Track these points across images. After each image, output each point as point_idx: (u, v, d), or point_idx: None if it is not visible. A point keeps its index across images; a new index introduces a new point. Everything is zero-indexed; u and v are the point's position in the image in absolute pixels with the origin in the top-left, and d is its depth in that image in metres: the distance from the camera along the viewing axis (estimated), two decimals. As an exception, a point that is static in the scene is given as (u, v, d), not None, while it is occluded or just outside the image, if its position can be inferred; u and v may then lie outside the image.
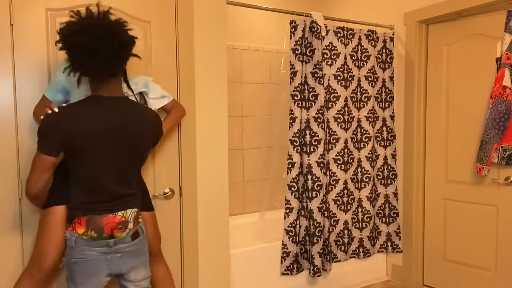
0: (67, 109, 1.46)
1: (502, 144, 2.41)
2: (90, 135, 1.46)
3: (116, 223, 1.56)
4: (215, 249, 2.25)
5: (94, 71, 1.44)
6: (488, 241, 2.58)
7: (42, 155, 1.46)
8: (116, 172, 1.55)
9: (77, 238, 1.53)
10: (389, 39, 2.93)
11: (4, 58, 1.70)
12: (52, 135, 1.43)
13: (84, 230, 1.53)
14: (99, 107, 1.49)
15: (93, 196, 1.53)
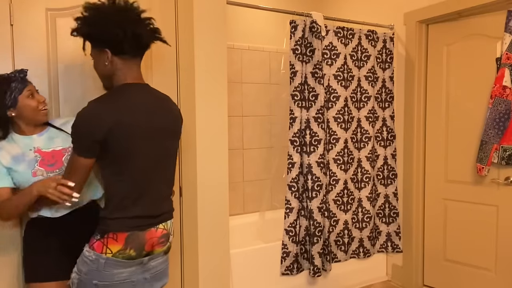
0: (103, 101, 1.31)
1: (502, 144, 2.41)
2: (134, 129, 1.30)
3: (158, 237, 1.39)
4: (215, 249, 2.25)
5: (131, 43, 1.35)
6: (488, 241, 2.58)
7: (81, 159, 1.29)
8: (161, 173, 1.41)
9: (107, 260, 1.30)
10: (389, 39, 2.93)
11: (4, 58, 1.70)
12: (91, 132, 1.25)
13: (121, 248, 1.32)
14: (136, 96, 1.36)
15: (137, 206, 1.34)
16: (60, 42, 1.80)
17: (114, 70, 1.39)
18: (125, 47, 1.35)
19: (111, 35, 1.32)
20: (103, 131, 1.25)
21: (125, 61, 1.38)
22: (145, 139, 1.33)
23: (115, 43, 1.34)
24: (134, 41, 1.35)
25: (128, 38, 1.32)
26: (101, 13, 1.33)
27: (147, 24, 1.39)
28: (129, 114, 1.30)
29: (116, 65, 1.38)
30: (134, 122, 1.31)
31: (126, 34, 1.31)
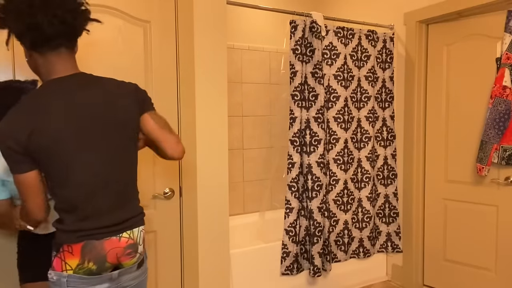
0: (19, 107, 1.12)
1: (502, 144, 2.41)
2: (60, 134, 1.12)
3: (123, 247, 1.22)
4: (215, 249, 2.25)
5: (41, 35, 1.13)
6: (488, 241, 2.58)
7: (20, 176, 1.13)
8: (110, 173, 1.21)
9: (68, 278, 1.15)
10: (389, 39, 2.93)
11: (4, 58, 1.70)
12: (13, 143, 1.08)
13: (79, 261, 1.16)
14: (64, 92, 1.16)
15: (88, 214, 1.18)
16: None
17: (37, 66, 1.21)
18: (27, 41, 1.15)
19: (8, 23, 1.14)
20: (23, 139, 1.08)
21: (44, 56, 1.18)
22: (79, 140, 1.15)
23: (17, 36, 1.15)
24: (34, 33, 1.12)
25: (25, 30, 1.11)
26: (7, 1, 1.13)
27: (55, 10, 1.11)
28: (51, 113, 1.12)
29: (35, 60, 1.20)
30: (57, 122, 1.12)
31: (22, 25, 1.11)
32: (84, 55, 1.85)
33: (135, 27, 1.97)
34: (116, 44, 1.92)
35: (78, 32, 1.23)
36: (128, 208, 1.27)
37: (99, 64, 1.89)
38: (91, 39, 1.87)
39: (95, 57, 1.88)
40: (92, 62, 1.87)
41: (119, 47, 1.93)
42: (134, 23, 1.96)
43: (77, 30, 1.22)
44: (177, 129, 2.10)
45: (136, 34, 1.97)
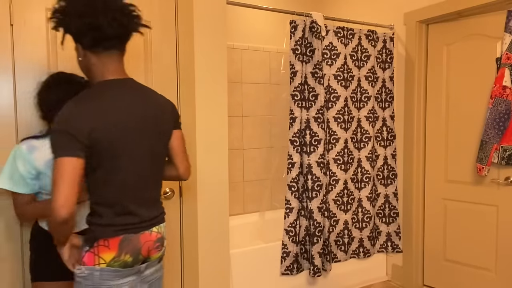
0: (81, 102, 1.18)
1: (502, 144, 2.41)
2: (116, 130, 1.20)
3: (153, 241, 1.31)
4: (215, 249, 2.25)
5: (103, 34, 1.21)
6: (488, 241, 2.58)
7: (66, 159, 1.11)
8: (149, 175, 1.31)
9: (101, 272, 1.20)
10: (389, 39, 2.93)
11: (4, 58, 1.70)
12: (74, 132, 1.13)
13: (115, 254, 1.22)
14: (115, 94, 1.24)
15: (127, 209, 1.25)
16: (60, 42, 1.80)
17: (89, 66, 1.28)
18: (87, 40, 1.22)
19: (70, 23, 1.20)
20: (84, 132, 1.14)
21: (99, 55, 1.25)
22: (128, 139, 1.23)
23: (77, 35, 1.22)
24: (94, 33, 1.20)
25: (86, 30, 1.19)
26: (68, 1, 1.21)
27: (114, 13, 1.21)
28: (110, 114, 1.20)
29: (89, 60, 1.27)
30: (115, 122, 1.20)
31: (84, 24, 1.18)
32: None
33: (135, 27, 1.96)
34: (116, 44, 1.92)
35: (130, 35, 1.31)
36: (157, 206, 1.37)
37: (99, 64, 1.89)
38: (91, 39, 1.87)
39: (95, 57, 1.88)
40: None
41: (119, 47, 1.93)
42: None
43: (130, 34, 1.31)
44: (177, 129, 2.11)
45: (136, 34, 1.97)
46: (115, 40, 1.25)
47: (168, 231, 2.10)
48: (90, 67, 1.28)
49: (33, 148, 1.47)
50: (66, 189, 1.10)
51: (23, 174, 1.45)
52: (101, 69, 1.26)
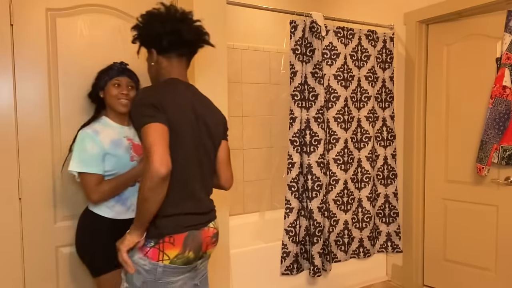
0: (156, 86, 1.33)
1: (502, 144, 2.41)
2: (182, 115, 1.27)
3: (211, 236, 1.34)
4: (215, 249, 2.25)
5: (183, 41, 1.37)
6: (488, 241, 2.58)
7: (156, 124, 1.18)
8: (206, 170, 1.37)
9: (164, 268, 1.22)
10: (389, 39, 2.93)
11: (4, 58, 1.70)
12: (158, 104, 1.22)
13: (180, 251, 1.24)
14: (183, 88, 1.35)
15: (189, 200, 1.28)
16: (60, 42, 1.80)
17: (159, 69, 1.40)
18: (165, 43, 1.35)
19: (152, 30, 1.35)
20: (163, 106, 1.22)
21: (170, 60, 1.39)
22: (190, 128, 1.30)
23: (156, 38, 1.35)
24: (173, 37, 1.34)
25: (166, 33, 1.33)
26: (150, 15, 1.38)
27: (190, 23, 1.38)
28: (178, 99, 1.29)
29: (161, 64, 1.39)
30: (182, 108, 1.28)
31: (165, 28, 1.33)
32: (84, 55, 1.86)
33: (135, 27, 1.96)
34: (116, 44, 1.92)
35: (198, 47, 1.45)
36: (211, 200, 1.42)
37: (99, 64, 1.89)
38: (91, 39, 1.87)
39: (95, 57, 1.88)
40: (92, 62, 1.87)
41: (119, 47, 1.93)
42: (134, 23, 1.96)
43: (199, 45, 1.44)
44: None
45: (136, 34, 1.97)
46: (188, 47, 1.40)
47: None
48: (160, 70, 1.40)
49: (96, 131, 1.63)
50: (161, 149, 1.14)
51: (93, 154, 1.57)
52: (170, 71, 1.39)
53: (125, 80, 1.71)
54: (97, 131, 1.63)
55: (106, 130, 1.66)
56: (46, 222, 1.81)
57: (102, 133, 1.64)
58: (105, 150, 1.61)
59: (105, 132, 1.65)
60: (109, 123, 1.71)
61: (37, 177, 1.78)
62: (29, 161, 1.76)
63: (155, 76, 1.43)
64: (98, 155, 1.59)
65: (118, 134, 1.69)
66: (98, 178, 1.58)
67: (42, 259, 1.81)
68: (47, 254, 1.81)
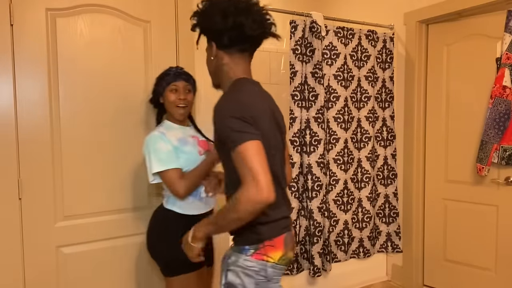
0: (237, 93, 1.23)
1: (502, 144, 2.41)
2: (265, 118, 1.22)
3: (293, 236, 1.34)
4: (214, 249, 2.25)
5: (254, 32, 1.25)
6: (488, 241, 2.58)
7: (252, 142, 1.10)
8: (284, 170, 1.34)
9: (273, 267, 1.21)
10: (389, 39, 2.93)
11: (4, 58, 1.70)
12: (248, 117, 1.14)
13: (282, 253, 1.23)
14: (259, 90, 1.30)
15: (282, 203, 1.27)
16: (60, 42, 1.80)
17: (219, 65, 1.32)
18: (226, 39, 1.25)
19: (212, 24, 1.25)
20: (252, 118, 1.15)
21: (231, 56, 1.30)
22: (271, 129, 1.26)
23: (215, 33, 1.26)
24: (234, 32, 1.23)
25: (228, 28, 1.23)
26: (211, 3, 1.27)
27: (254, 14, 1.24)
28: (260, 104, 1.23)
29: (221, 60, 1.31)
30: (264, 111, 1.23)
31: (226, 23, 1.22)
32: (84, 55, 1.86)
33: (135, 27, 1.97)
34: (116, 44, 1.92)
35: (262, 40, 1.34)
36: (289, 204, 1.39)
37: (99, 64, 1.89)
38: (91, 39, 1.87)
39: (95, 57, 1.88)
40: (92, 62, 1.87)
41: (119, 47, 1.93)
42: (134, 23, 1.96)
43: (263, 39, 1.33)
44: (177, 129, 2.10)
45: (136, 34, 1.97)
46: (250, 42, 1.29)
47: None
48: (221, 66, 1.31)
49: (163, 132, 1.69)
50: (266, 174, 1.07)
51: (167, 150, 1.63)
52: (233, 68, 1.30)
53: (182, 84, 1.74)
54: (163, 132, 1.69)
55: (171, 132, 1.72)
56: (46, 222, 1.81)
57: (167, 134, 1.70)
58: (174, 145, 1.67)
59: (170, 133, 1.71)
60: (172, 126, 1.76)
61: (37, 177, 1.78)
62: (29, 161, 1.76)
63: (214, 71, 1.36)
64: (172, 151, 1.64)
65: (182, 134, 1.75)
66: (179, 172, 1.62)
67: (42, 259, 1.81)
68: (47, 254, 1.81)
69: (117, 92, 1.94)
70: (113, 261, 1.97)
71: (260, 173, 1.05)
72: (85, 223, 1.89)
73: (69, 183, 1.85)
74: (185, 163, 1.66)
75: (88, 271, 1.91)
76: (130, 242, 2.01)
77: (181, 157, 1.66)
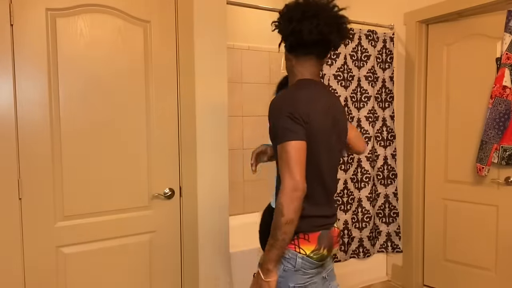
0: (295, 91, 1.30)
1: (502, 144, 2.41)
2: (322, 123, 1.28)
3: (336, 236, 1.39)
4: (215, 249, 2.25)
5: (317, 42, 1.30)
6: (488, 241, 2.58)
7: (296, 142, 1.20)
8: (333, 174, 1.38)
9: (303, 259, 1.27)
10: (389, 39, 2.93)
11: (4, 58, 1.70)
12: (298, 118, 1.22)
13: (315, 247, 1.29)
14: (318, 90, 1.33)
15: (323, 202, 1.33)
16: (60, 42, 1.80)
17: (291, 67, 1.40)
18: (287, 43, 1.35)
19: (280, 28, 1.35)
20: (304, 118, 1.23)
21: (298, 58, 1.37)
22: (326, 129, 1.31)
23: (283, 37, 1.36)
24: (293, 37, 1.31)
25: (288, 34, 1.32)
26: (286, 7, 1.34)
27: (320, 21, 1.26)
28: (317, 103, 1.28)
29: (290, 61, 1.40)
30: (321, 110, 1.28)
31: (287, 28, 1.30)
32: (84, 55, 1.86)
33: (135, 27, 1.97)
34: (116, 44, 1.92)
35: (331, 45, 1.35)
36: (335, 203, 1.50)
37: (99, 64, 1.89)
38: (91, 39, 1.87)
39: (95, 57, 1.88)
40: (92, 62, 1.87)
41: (119, 47, 1.93)
42: (134, 23, 1.96)
43: (330, 43, 1.33)
44: (177, 129, 2.11)
45: (136, 34, 1.97)
46: (313, 47, 1.32)
47: (168, 231, 2.10)
48: (291, 68, 1.40)
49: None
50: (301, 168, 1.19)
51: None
52: (300, 70, 1.36)
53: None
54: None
55: None
56: (46, 222, 1.81)
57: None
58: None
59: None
60: None
61: (37, 177, 1.78)
62: (29, 161, 1.76)
63: (289, 73, 1.44)
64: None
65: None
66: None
67: (42, 259, 1.81)
68: (47, 254, 1.81)
69: (117, 92, 1.94)
70: (113, 261, 1.97)
71: (295, 169, 1.17)
72: (85, 223, 1.89)
73: (69, 183, 1.85)
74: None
75: (88, 271, 1.91)
76: (130, 242, 2.01)
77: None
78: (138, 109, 1.99)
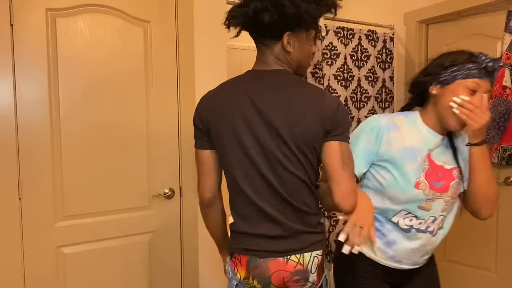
0: (213, 91, 1.18)
1: (502, 144, 2.41)
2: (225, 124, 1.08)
3: (290, 272, 1.07)
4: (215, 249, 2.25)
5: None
6: (488, 241, 2.58)
7: (195, 150, 1.18)
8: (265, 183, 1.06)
9: (239, 284, 1.10)
10: (389, 39, 2.93)
11: (4, 58, 1.70)
12: (196, 122, 1.16)
13: (245, 274, 1.07)
14: (233, 87, 1.14)
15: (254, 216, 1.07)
16: (60, 42, 1.80)
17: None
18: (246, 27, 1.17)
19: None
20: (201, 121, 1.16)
21: (256, 46, 1.20)
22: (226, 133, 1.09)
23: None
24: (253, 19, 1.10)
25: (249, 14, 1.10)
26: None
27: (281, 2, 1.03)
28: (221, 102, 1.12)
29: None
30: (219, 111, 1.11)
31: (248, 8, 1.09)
32: (84, 55, 1.86)
33: (135, 27, 1.97)
34: (116, 44, 1.92)
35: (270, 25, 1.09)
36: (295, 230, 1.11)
37: (99, 64, 1.89)
38: (91, 39, 1.87)
39: (95, 57, 1.88)
40: (92, 62, 1.87)
41: (119, 47, 1.93)
42: (134, 23, 1.96)
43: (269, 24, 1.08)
44: (177, 129, 2.10)
45: (136, 34, 1.97)
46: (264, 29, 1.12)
47: (168, 231, 2.10)
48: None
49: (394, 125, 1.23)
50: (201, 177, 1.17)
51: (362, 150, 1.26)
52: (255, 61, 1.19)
53: (486, 86, 1.18)
54: (394, 125, 1.21)
55: (408, 131, 1.22)
56: (46, 222, 1.81)
57: (399, 131, 1.21)
58: (395, 154, 1.18)
59: (405, 132, 1.21)
60: (418, 123, 1.25)
61: (37, 177, 1.78)
62: (29, 161, 1.76)
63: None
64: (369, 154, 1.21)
65: (420, 144, 1.22)
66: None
67: (42, 259, 1.81)
68: (47, 254, 1.81)
69: (117, 92, 1.94)
70: (113, 261, 1.97)
71: (198, 179, 1.18)
72: (85, 223, 1.89)
73: (69, 183, 1.85)
74: (387, 184, 1.20)
75: (88, 271, 1.91)
76: (130, 242, 2.01)
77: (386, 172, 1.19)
78: (138, 109, 1.99)
